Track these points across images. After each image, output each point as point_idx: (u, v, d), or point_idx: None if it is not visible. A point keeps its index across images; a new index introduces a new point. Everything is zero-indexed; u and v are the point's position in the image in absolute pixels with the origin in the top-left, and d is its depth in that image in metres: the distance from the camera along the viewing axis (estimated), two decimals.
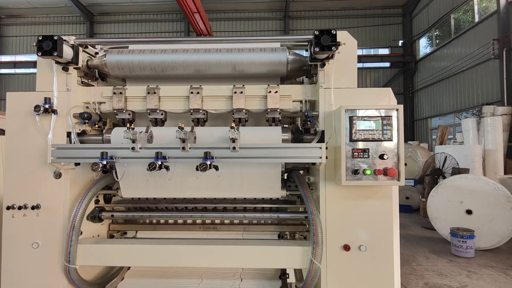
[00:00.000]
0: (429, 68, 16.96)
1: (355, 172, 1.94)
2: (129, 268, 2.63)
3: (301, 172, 2.57)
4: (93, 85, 2.46)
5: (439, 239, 7.04)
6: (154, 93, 2.28)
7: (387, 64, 19.61)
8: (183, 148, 1.96)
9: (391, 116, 1.96)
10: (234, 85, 2.27)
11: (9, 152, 2.23)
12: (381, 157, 1.94)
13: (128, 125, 2.10)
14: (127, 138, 1.90)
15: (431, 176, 9.00)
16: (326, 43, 1.91)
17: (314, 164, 2.15)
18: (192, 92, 2.26)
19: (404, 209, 10.39)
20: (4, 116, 2.26)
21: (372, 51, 20.15)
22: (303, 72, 2.45)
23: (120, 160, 2.04)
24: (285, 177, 2.63)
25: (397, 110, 1.95)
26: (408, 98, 18.76)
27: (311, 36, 2.01)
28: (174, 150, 2.00)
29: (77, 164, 2.19)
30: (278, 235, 2.66)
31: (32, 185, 2.21)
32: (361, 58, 19.14)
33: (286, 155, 2.03)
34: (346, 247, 2.08)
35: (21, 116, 2.20)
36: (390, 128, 1.95)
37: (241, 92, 2.25)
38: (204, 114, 2.33)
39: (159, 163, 1.93)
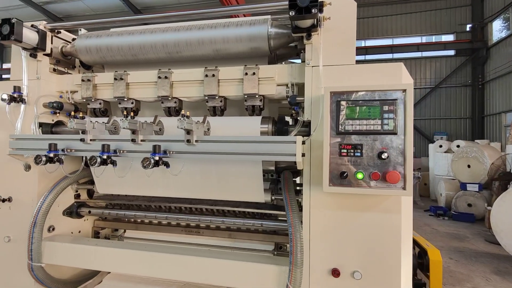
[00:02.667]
0: (504, 55, 14.43)
1: (343, 175, 1.44)
2: (109, 272, 2.47)
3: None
4: (70, 73, 2.32)
5: (506, 256, 5.83)
6: (121, 79, 2.04)
7: (451, 52, 17.23)
8: (133, 140, 1.68)
9: (395, 99, 1.41)
10: (206, 67, 1.92)
11: None
12: (379, 156, 1.41)
13: (79, 114, 1.87)
14: (71, 128, 1.67)
15: (500, 180, 7.53)
16: (303, 3, 1.44)
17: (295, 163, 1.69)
18: (160, 77, 1.97)
19: (465, 218, 8.96)
20: None
21: (434, 38, 17.90)
22: (295, 49, 1.99)
23: (74, 152, 1.83)
24: (277, 178, 2.20)
25: (403, 91, 1.40)
26: (477, 91, 16.27)
27: None
28: (125, 142, 1.72)
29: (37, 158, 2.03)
30: (275, 245, 2.24)
31: (4, 177, 2.15)
32: (419, 47, 17.17)
33: (258, 150, 1.60)
34: (335, 272, 1.59)
35: None
36: (394, 116, 1.41)
37: (213, 75, 1.88)
38: (175, 102, 2.02)
39: (105, 156, 1.67)
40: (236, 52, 1.96)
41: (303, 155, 1.57)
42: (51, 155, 1.75)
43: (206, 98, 1.93)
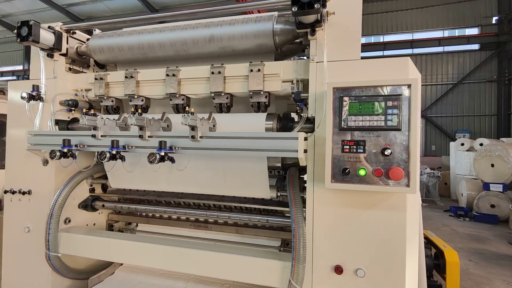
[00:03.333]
0: None
1: (345, 171, 1.43)
2: (121, 263, 2.56)
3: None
4: (85, 72, 2.42)
5: None
6: (132, 77, 2.10)
7: (475, 47, 16.48)
8: (141, 136, 1.73)
9: (400, 95, 1.38)
10: (212, 65, 1.94)
11: (9, 138, 2.33)
12: (383, 152, 1.38)
13: (90, 111, 1.96)
14: (83, 124, 1.75)
15: None
16: None
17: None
18: (168, 75, 2.01)
19: (488, 219, 8.61)
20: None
21: (456, 32, 17.17)
22: (301, 45, 1.98)
23: (87, 148, 1.92)
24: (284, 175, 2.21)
25: (408, 86, 1.37)
26: (504, 87, 15.50)
27: None
28: (133, 138, 1.78)
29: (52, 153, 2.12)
30: (282, 241, 2.26)
31: (25, 171, 2.28)
32: (440, 41, 16.54)
33: (260, 146, 1.61)
34: (338, 269, 1.58)
35: (17, 104, 2.27)
36: (398, 111, 1.38)
37: (219, 72, 1.91)
38: (183, 99, 2.06)
39: (114, 152, 1.74)
40: (242, 49, 1.98)
41: (305, 151, 1.56)
42: (65, 150, 1.84)
43: (213, 95, 1.96)
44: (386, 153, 1.37)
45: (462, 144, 11.45)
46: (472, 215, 8.99)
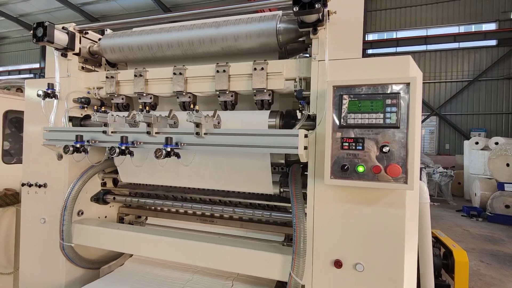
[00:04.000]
0: None
1: (344, 168, 1.46)
2: (131, 255, 2.67)
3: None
4: (97, 71, 2.51)
5: None
6: (141, 75, 2.18)
7: (492, 42, 16.01)
8: (148, 132, 1.81)
9: (399, 93, 1.40)
10: (217, 63, 2.00)
11: (26, 133, 2.46)
12: (381, 149, 1.41)
13: (101, 108, 2.05)
14: (95, 121, 1.84)
15: None
16: None
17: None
18: (175, 73, 2.08)
19: (502, 219, 8.43)
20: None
21: (473, 27, 16.69)
22: (304, 44, 2.01)
23: (98, 143, 2.01)
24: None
25: (407, 84, 1.38)
26: None
27: None
28: (141, 134, 1.86)
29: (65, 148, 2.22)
30: (286, 236, 2.30)
31: (41, 165, 2.40)
32: (456, 37, 16.12)
33: (262, 143, 1.66)
34: (337, 264, 1.62)
35: (34, 101, 2.39)
36: (396, 109, 1.40)
37: (224, 71, 1.96)
38: (190, 97, 2.13)
39: (123, 147, 1.82)
40: (247, 48, 2.02)
41: (305, 148, 1.60)
42: (78, 145, 1.93)
43: (218, 93, 2.02)
44: (384, 150, 1.40)
45: (477, 143, 11.19)
46: (485, 215, 8.81)
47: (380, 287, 1.56)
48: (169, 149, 1.69)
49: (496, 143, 10.31)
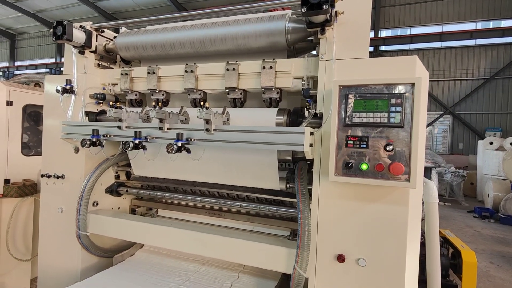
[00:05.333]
0: None
1: (348, 165, 1.51)
2: (142, 246, 2.78)
3: None
4: (112, 68, 2.61)
5: None
6: (154, 73, 2.26)
7: (511, 40, 15.49)
8: (161, 128, 1.89)
9: (404, 93, 1.43)
10: (227, 62, 2.06)
11: (46, 127, 2.58)
12: (385, 148, 1.45)
13: (116, 104, 2.14)
14: (110, 116, 1.93)
15: None
16: (315, 0, 1.50)
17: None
18: (186, 71, 2.15)
19: None
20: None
21: (491, 24, 16.19)
22: (312, 43, 2.05)
23: (113, 138, 2.10)
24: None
25: (412, 84, 1.41)
26: None
27: None
28: (154, 130, 1.94)
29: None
30: (291, 231, 2.36)
31: (59, 158, 2.52)
32: (472, 34, 15.67)
33: (269, 139, 1.71)
34: (340, 258, 1.67)
35: (52, 96, 2.51)
36: (401, 109, 1.43)
37: (234, 69, 2.02)
38: (200, 94, 2.20)
39: (136, 142, 1.91)
40: (257, 47, 2.07)
41: (311, 145, 1.65)
42: (94, 139, 2.03)
43: (227, 90, 2.08)
44: (388, 149, 1.43)
45: (491, 143, 10.94)
46: (498, 217, 8.64)
47: (382, 282, 1.60)
48: (180, 144, 1.77)
49: (511, 144, 10.05)
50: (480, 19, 15.92)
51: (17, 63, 26.88)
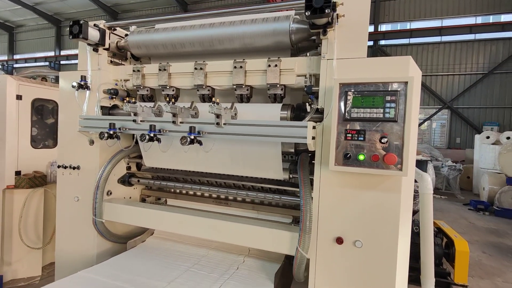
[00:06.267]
0: None
1: (346, 156, 1.67)
2: (152, 233, 2.95)
3: None
4: (123, 64, 2.75)
5: None
6: (165, 70, 2.40)
7: (510, 34, 15.56)
8: (174, 122, 2.04)
9: (397, 91, 1.58)
10: (234, 60, 2.20)
11: (61, 120, 2.73)
12: (380, 140, 1.60)
13: (131, 99, 2.28)
14: (126, 110, 2.08)
15: None
16: (318, 4, 1.64)
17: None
18: (196, 68, 2.29)
19: (509, 214, 8.49)
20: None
21: (491, 18, 16.24)
22: (314, 43, 2.19)
23: (128, 131, 2.25)
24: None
25: (405, 83, 1.56)
26: None
27: None
28: (167, 123, 2.09)
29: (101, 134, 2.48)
30: (294, 219, 2.53)
31: (74, 149, 2.67)
32: (472, 28, 15.72)
33: (275, 133, 1.87)
34: (339, 240, 1.84)
35: (67, 92, 2.64)
36: (395, 105, 1.58)
37: (241, 67, 2.16)
38: (209, 90, 2.34)
39: (152, 134, 2.06)
40: (262, 46, 2.21)
41: (313, 138, 1.80)
42: (111, 132, 2.19)
43: (235, 87, 2.22)
44: (383, 141, 1.59)
45: (488, 137, 11.11)
46: (492, 209, 8.85)
47: (376, 261, 1.78)
48: (192, 137, 1.92)
49: (508, 138, 10.23)
50: (480, 13, 15.95)
51: (16, 56, 26.77)
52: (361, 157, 1.63)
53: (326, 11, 1.64)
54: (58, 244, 2.81)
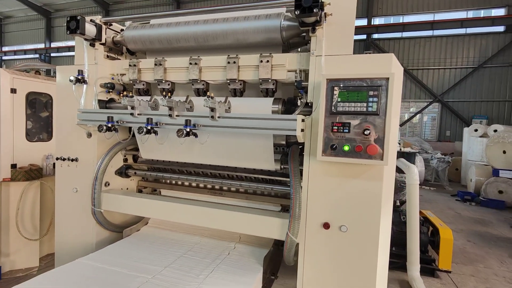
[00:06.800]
0: None
1: (333, 147, 1.79)
2: (146, 223, 3.06)
3: None
4: (119, 59, 2.81)
5: None
6: (160, 64, 2.48)
7: (500, 29, 15.80)
8: (170, 115, 2.13)
9: (380, 86, 1.70)
10: (228, 55, 2.29)
11: (58, 114, 2.79)
12: (363, 132, 1.73)
13: (129, 93, 2.37)
14: (124, 104, 2.17)
15: None
16: (306, 4, 1.74)
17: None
18: (191, 63, 2.38)
19: (494, 204, 8.78)
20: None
21: (482, 13, 16.45)
22: (305, 40, 2.28)
23: (126, 124, 2.34)
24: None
25: (387, 79, 1.68)
26: None
27: None
28: (164, 117, 2.18)
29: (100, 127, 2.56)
30: (282, 207, 2.66)
31: (72, 142, 2.75)
32: (463, 23, 15.92)
33: (266, 125, 1.98)
34: (326, 225, 1.98)
35: (65, 85, 2.71)
36: (377, 100, 1.70)
37: (234, 62, 2.26)
38: (203, 84, 2.43)
39: (149, 127, 2.15)
40: (255, 42, 2.30)
41: (302, 130, 1.92)
42: (109, 125, 2.27)
43: (228, 81, 2.32)
44: (366, 133, 1.71)
45: (476, 130, 11.41)
46: (478, 200, 9.16)
47: (360, 244, 1.92)
48: (188, 130, 2.02)
49: (495, 131, 10.52)
50: (471, 8, 16.14)
51: (5, 48, 26.19)
52: (346, 148, 1.76)
53: (315, 10, 1.74)
54: (58, 234, 2.90)
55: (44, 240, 4.22)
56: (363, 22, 17.44)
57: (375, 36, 17.53)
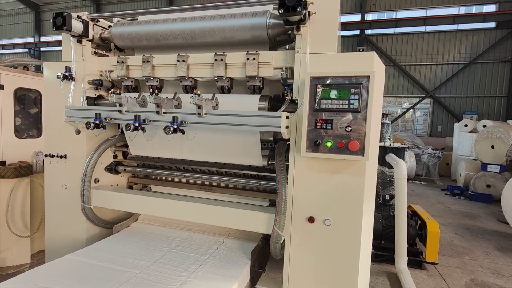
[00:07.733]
0: None
1: (316, 143, 1.83)
2: (137, 219, 3.09)
3: None
4: (107, 55, 2.81)
5: None
6: (148, 61, 2.49)
7: (491, 25, 15.99)
8: (158, 112, 2.15)
9: (361, 84, 1.75)
10: (215, 53, 2.31)
11: (46, 110, 2.79)
12: (345, 128, 1.77)
13: (116, 90, 2.38)
14: (112, 101, 2.18)
15: None
16: (290, 3, 1.77)
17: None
18: (178, 60, 2.39)
19: (483, 198, 8.97)
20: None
21: (474, 9, 16.61)
22: (291, 37, 2.31)
23: (114, 121, 2.35)
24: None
25: (368, 77, 1.72)
26: None
27: None
28: (151, 114, 2.20)
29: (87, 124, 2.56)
30: (270, 202, 2.70)
31: (61, 139, 2.75)
32: (455, 19, 16.05)
33: (252, 122, 2.02)
34: (311, 219, 2.03)
35: (52, 82, 2.70)
36: (358, 97, 1.75)
37: (221, 60, 2.28)
38: (191, 81, 2.45)
39: (136, 124, 2.17)
40: (241, 40, 2.32)
41: (287, 127, 1.96)
42: (97, 122, 2.28)
43: (216, 78, 2.34)
44: (347, 129, 1.76)
45: (466, 125, 11.59)
46: (467, 194, 9.35)
47: (343, 237, 1.98)
48: (175, 126, 2.05)
49: (484, 126, 10.71)
50: (463, 4, 16.28)
51: None
52: (329, 144, 1.80)
53: (298, 9, 1.77)
54: (48, 230, 2.91)
55: (35, 237, 4.22)
56: (357, 17, 17.49)
57: (369, 31, 17.59)
